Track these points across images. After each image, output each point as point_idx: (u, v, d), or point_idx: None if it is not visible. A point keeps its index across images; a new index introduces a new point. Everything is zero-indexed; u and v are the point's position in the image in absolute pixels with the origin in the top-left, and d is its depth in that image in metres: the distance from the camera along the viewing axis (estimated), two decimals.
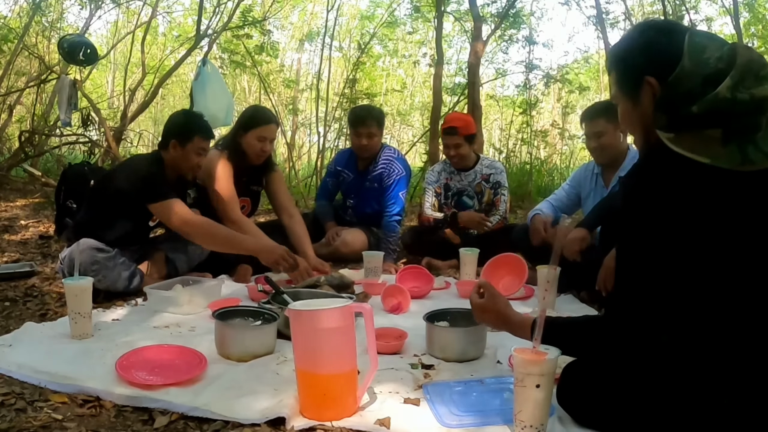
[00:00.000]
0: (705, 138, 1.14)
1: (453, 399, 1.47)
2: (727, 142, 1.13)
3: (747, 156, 1.13)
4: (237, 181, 2.97)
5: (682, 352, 1.21)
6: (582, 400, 1.33)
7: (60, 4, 8.34)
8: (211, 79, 5.24)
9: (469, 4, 6.25)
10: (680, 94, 1.17)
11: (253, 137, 2.91)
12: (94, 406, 1.44)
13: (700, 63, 1.16)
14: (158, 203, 2.41)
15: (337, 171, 3.65)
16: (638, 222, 1.20)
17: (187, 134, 2.55)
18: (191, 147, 2.55)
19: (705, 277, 1.17)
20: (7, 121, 7.93)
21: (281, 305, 1.96)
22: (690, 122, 1.15)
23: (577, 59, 10.30)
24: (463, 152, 3.41)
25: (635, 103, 1.28)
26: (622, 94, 1.32)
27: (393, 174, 3.46)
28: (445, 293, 2.72)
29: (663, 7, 6.87)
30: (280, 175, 3.24)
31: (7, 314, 2.19)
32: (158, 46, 11.09)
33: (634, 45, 1.29)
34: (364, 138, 3.41)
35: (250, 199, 3.16)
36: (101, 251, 2.37)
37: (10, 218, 4.41)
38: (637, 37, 1.30)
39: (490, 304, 1.56)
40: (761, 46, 8.80)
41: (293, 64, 13.34)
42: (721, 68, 1.15)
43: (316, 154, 7.94)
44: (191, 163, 2.58)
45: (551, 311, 2.12)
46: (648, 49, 1.25)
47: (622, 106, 1.34)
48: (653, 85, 1.23)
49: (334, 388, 1.38)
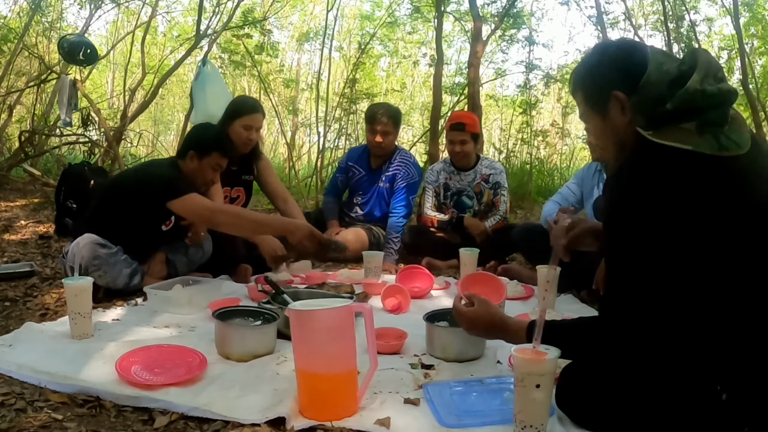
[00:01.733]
0: (682, 131, 1.21)
1: (453, 399, 1.47)
2: (702, 132, 1.20)
3: (722, 144, 1.20)
4: (228, 171, 3.00)
5: (675, 349, 1.22)
6: (580, 402, 1.33)
7: (60, 3, 8.34)
8: (211, 79, 5.24)
9: (469, 4, 6.24)
10: (651, 98, 1.25)
11: (239, 126, 2.98)
12: (94, 406, 1.44)
13: (662, 72, 1.26)
14: (179, 199, 2.35)
15: (348, 167, 3.67)
16: (629, 221, 1.22)
17: (206, 148, 2.55)
18: (208, 161, 2.55)
19: (698, 270, 1.18)
20: (7, 121, 7.93)
21: (281, 305, 1.96)
22: (666, 118, 1.23)
23: (577, 59, 10.27)
24: (468, 149, 3.41)
25: (605, 118, 1.35)
26: (592, 112, 1.38)
27: (407, 177, 3.47)
28: (445, 293, 2.72)
29: (663, 7, 6.86)
30: (267, 163, 3.30)
31: (7, 314, 2.19)
32: (158, 46, 11.08)
33: (599, 64, 1.37)
34: (379, 135, 3.44)
35: (244, 189, 3.19)
36: (103, 247, 2.37)
37: (10, 218, 4.41)
38: (600, 56, 1.38)
39: (482, 311, 1.53)
40: (761, 46, 8.80)
41: (293, 64, 13.34)
42: (684, 70, 1.24)
43: (316, 154, 7.94)
44: (206, 177, 2.58)
45: (551, 311, 2.12)
46: (613, 66, 1.32)
47: (593, 123, 1.40)
48: (621, 98, 1.29)
49: (334, 388, 1.38)
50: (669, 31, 6.89)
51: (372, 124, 3.46)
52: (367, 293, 2.57)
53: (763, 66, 8.83)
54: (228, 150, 2.62)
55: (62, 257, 2.49)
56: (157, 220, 2.58)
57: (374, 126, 3.44)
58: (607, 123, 1.35)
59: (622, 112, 1.31)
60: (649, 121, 1.25)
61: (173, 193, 2.36)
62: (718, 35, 9.37)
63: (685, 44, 7.09)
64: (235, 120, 2.99)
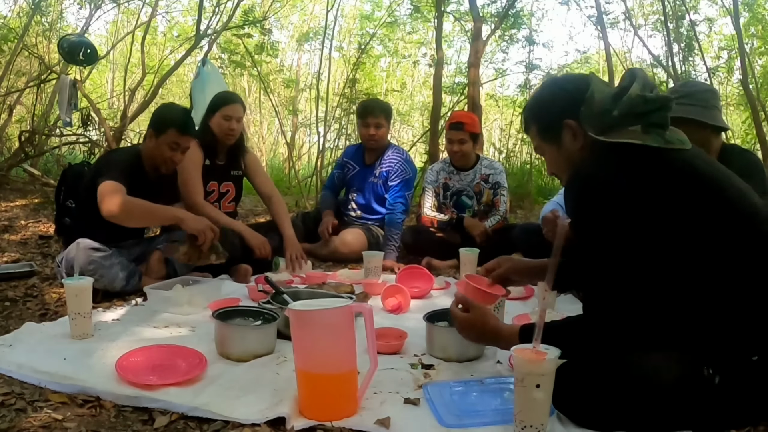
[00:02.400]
0: (630, 132, 1.35)
1: (453, 399, 1.47)
2: (647, 132, 1.34)
3: (667, 140, 1.35)
4: (215, 166, 3.09)
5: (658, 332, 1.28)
6: (574, 400, 1.34)
7: (59, 3, 8.33)
8: (211, 79, 5.24)
9: (469, 4, 6.24)
10: (597, 111, 1.38)
11: (219, 117, 3.02)
12: (94, 406, 1.44)
13: (605, 91, 1.41)
14: (100, 183, 2.35)
15: (344, 162, 3.73)
16: (594, 215, 1.31)
17: (162, 125, 2.55)
18: (164, 139, 2.54)
19: (667, 251, 1.27)
20: (7, 121, 7.92)
21: (281, 305, 1.96)
22: (614, 124, 1.36)
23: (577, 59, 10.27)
24: (467, 149, 3.41)
25: (559, 146, 1.47)
26: (547, 143, 1.51)
27: (401, 174, 3.49)
28: (445, 293, 2.72)
29: (663, 7, 6.85)
30: (255, 158, 3.34)
31: (7, 314, 2.20)
32: (158, 46, 11.08)
33: (550, 97, 1.51)
34: (372, 128, 3.49)
35: (233, 184, 3.20)
36: (98, 250, 2.36)
37: (10, 218, 4.41)
38: (550, 90, 1.54)
39: (478, 318, 1.54)
40: (761, 46, 8.79)
41: (293, 64, 13.34)
42: (624, 85, 1.38)
43: (316, 154, 7.93)
44: (164, 155, 2.57)
45: (551, 311, 2.12)
46: (563, 97, 1.46)
47: (549, 154, 1.52)
48: (572, 126, 1.43)
49: (334, 388, 1.38)
50: (669, 31, 6.89)
51: (364, 118, 3.52)
52: (367, 293, 2.57)
53: (763, 66, 8.83)
54: (185, 128, 2.58)
55: (57, 265, 2.49)
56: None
57: (366, 119, 3.51)
58: (562, 151, 1.47)
59: (574, 139, 1.43)
60: (598, 131, 1.37)
61: (101, 177, 2.39)
62: (718, 35, 9.38)
63: (685, 44, 7.09)
64: (215, 112, 3.03)
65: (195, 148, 2.94)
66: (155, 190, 2.62)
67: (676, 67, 6.93)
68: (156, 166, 2.61)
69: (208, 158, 3.06)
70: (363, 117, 3.54)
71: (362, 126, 3.55)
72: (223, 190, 3.15)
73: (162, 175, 2.66)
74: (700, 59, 7.25)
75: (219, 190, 3.13)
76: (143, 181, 2.59)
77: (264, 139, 12.11)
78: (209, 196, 3.08)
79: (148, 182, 2.62)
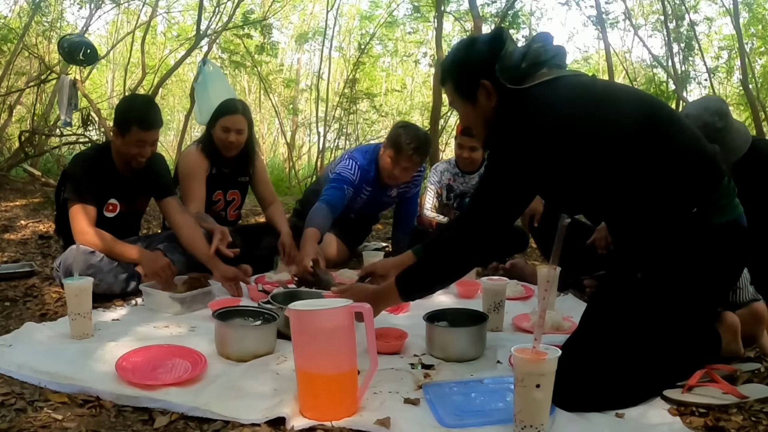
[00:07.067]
0: (541, 74, 1.52)
1: (453, 399, 1.47)
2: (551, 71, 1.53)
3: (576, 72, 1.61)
4: (221, 174, 3.00)
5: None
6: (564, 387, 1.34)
7: (59, 3, 8.33)
8: (213, 79, 5.22)
9: (469, 4, 6.24)
10: (510, 66, 1.52)
11: (218, 128, 2.91)
12: (94, 406, 1.44)
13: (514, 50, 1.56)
14: (71, 206, 2.40)
15: (361, 187, 3.16)
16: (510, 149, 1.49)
17: (125, 124, 2.45)
18: (129, 138, 2.44)
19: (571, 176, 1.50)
20: (7, 121, 7.93)
21: (281, 305, 1.96)
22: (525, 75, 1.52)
23: (577, 59, 10.29)
24: (477, 156, 3.38)
25: (474, 104, 1.59)
26: (462, 99, 1.62)
27: (417, 184, 3.37)
28: (445, 293, 2.71)
29: (663, 7, 6.86)
30: (262, 166, 3.26)
31: (7, 314, 2.19)
32: (158, 46, 11.08)
33: (466, 56, 1.60)
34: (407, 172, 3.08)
35: (240, 191, 3.14)
36: (95, 254, 2.36)
37: (10, 218, 4.41)
38: (467, 50, 1.62)
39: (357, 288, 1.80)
40: (761, 46, 8.80)
41: (293, 64, 13.33)
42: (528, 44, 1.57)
43: (316, 154, 7.94)
44: (131, 153, 2.48)
45: (551, 311, 2.12)
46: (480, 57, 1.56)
47: (462, 109, 1.64)
48: (487, 86, 1.54)
49: (334, 388, 1.38)
50: (669, 31, 6.89)
51: (407, 162, 3.01)
52: None
53: (763, 66, 8.84)
54: (148, 123, 2.45)
55: (55, 271, 2.48)
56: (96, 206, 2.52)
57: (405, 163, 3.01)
58: (477, 108, 1.59)
59: (488, 98, 1.55)
60: (513, 79, 1.52)
61: (69, 197, 2.43)
62: (718, 35, 9.38)
63: (685, 44, 7.10)
64: (216, 122, 2.92)
65: (199, 155, 2.91)
66: (130, 186, 2.58)
67: (676, 67, 6.94)
68: (127, 162, 2.54)
69: (215, 166, 2.97)
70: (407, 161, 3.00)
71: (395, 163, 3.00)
72: (229, 199, 3.09)
73: (135, 169, 2.58)
74: (700, 59, 7.26)
75: (225, 198, 3.07)
76: (116, 180, 2.56)
77: (264, 139, 12.11)
78: (215, 205, 3.02)
79: (120, 179, 2.58)
